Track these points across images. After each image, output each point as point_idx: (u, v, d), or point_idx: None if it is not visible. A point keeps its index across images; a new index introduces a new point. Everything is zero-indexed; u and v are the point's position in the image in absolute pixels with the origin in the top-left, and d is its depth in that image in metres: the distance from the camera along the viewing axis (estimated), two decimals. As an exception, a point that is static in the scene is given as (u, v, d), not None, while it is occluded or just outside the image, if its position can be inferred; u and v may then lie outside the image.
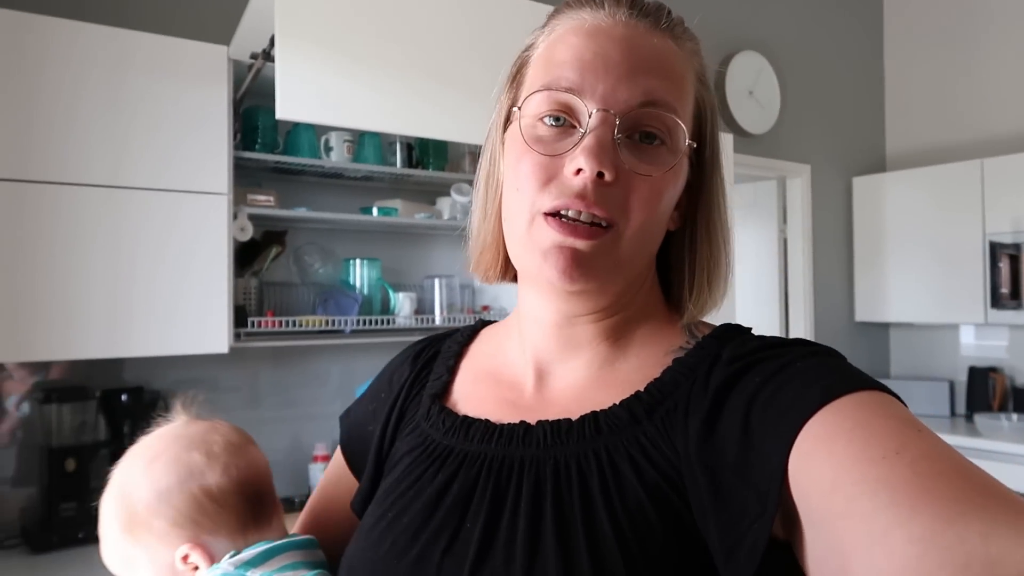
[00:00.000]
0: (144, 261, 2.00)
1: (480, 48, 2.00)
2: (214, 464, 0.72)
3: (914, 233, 4.07)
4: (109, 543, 0.74)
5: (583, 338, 0.66)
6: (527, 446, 0.62)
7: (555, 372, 0.67)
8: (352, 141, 2.47)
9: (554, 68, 0.62)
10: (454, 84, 1.96)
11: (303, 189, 2.57)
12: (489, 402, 0.69)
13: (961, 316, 3.90)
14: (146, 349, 2.01)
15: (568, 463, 0.59)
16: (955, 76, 4.29)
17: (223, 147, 2.10)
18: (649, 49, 0.61)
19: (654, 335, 0.67)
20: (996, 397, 3.91)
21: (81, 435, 2.05)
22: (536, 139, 0.62)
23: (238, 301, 2.26)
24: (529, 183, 0.61)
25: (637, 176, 0.60)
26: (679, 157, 0.62)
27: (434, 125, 2.01)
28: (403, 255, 2.80)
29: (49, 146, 1.89)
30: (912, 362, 4.43)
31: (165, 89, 2.03)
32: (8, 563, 1.90)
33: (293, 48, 1.77)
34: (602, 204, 0.58)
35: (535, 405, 0.66)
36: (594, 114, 0.59)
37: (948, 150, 4.29)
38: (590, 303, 0.64)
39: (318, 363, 2.62)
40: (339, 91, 1.84)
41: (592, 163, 0.57)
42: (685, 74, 0.63)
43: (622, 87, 0.59)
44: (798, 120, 4.06)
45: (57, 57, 1.90)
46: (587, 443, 0.60)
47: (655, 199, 0.61)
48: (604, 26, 0.62)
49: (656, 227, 0.63)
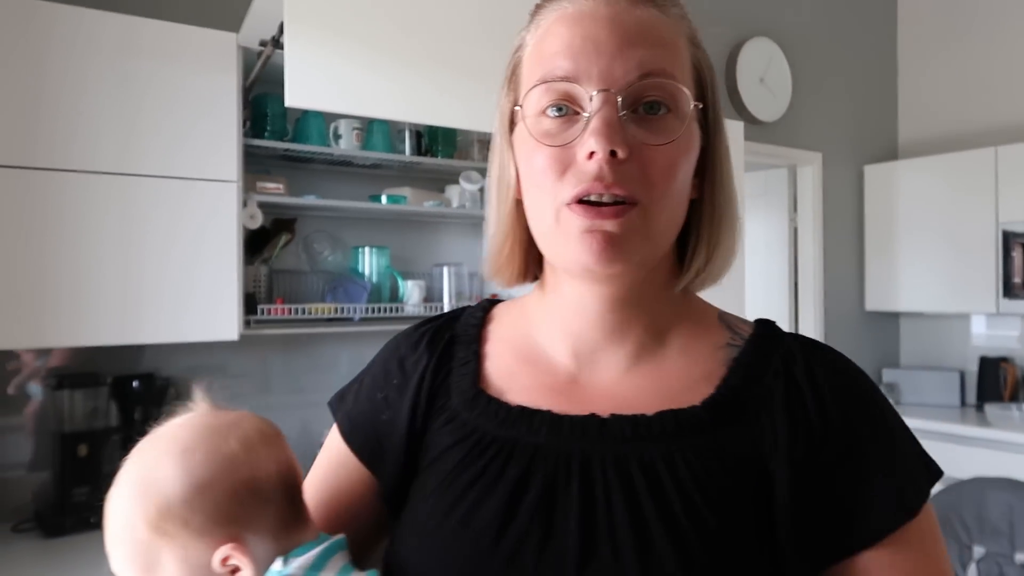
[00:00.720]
0: (154, 249, 2.00)
1: (490, 34, 1.99)
2: (253, 456, 0.66)
3: (926, 222, 4.04)
4: (127, 545, 0.65)
5: (625, 325, 0.67)
6: (605, 440, 0.62)
7: (597, 360, 0.68)
8: (361, 129, 2.47)
9: (547, 61, 0.63)
10: (464, 71, 1.95)
11: (312, 177, 2.57)
12: (535, 390, 0.68)
13: (972, 305, 3.88)
14: (157, 336, 2.02)
15: (654, 459, 0.60)
16: (969, 63, 4.24)
17: (232, 134, 2.10)
18: (635, 22, 0.62)
19: (692, 328, 0.69)
20: (1007, 387, 3.88)
21: (93, 421, 2.07)
22: (543, 133, 0.62)
23: (248, 289, 2.26)
24: (546, 177, 0.61)
25: (649, 148, 0.60)
26: (687, 122, 0.62)
27: (444, 112, 2.00)
28: (412, 243, 2.80)
29: (59, 134, 1.89)
30: (922, 352, 4.41)
31: (174, 76, 2.03)
32: (22, 546, 1.92)
33: (302, 35, 1.76)
34: (621, 182, 0.59)
35: (584, 393, 0.66)
36: (595, 96, 0.59)
37: (961, 138, 4.25)
38: (627, 280, 0.65)
39: (327, 350, 2.63)
40: (348, 78, 1.84)
41: (603, 143, 0.58)
42: (676, 39, 0.64)
43: (616, 64, 0.60)
44: (810, 107, 4.03)
45: (66, 44, 1.90)
46: (670, 440, 0.61)
47: (673, 168, 0.61)
48: (587, 10, 0.62)
49: (679, 196, 0.64)
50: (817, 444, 0.60)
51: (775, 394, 0.62)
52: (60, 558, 1.83)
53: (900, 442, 0.63)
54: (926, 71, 4.45)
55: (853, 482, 0.60)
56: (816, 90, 4.07)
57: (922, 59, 4.47)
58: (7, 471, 2.10)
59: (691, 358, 0.67)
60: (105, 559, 0.66)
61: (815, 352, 0.66)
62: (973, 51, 4.23)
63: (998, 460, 3.28)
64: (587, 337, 0.67)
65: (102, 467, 2.05)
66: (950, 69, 4.34)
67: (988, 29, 4.16)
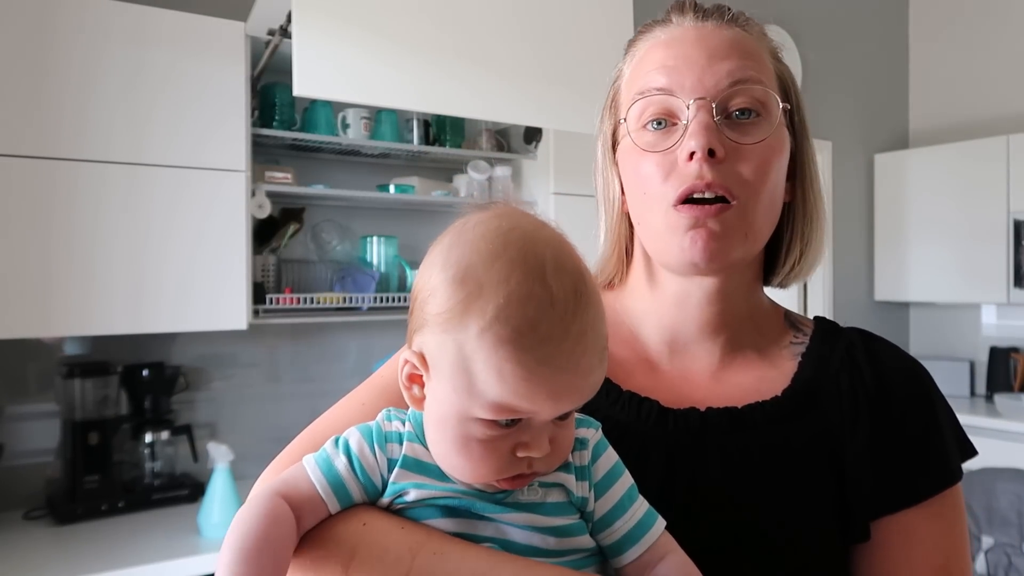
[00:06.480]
0: (163, 238, 2.01)
1: (500, 22, 1.98)
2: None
3: (936, 211, 4.01)
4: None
5: (719, 319, 0.73)
6: (708, 432, 0.68)
7: (690, 352, 0.75)
8: (369, 118, 2.47)
9: (644, 79, 0.71)
10: (474, 59, 1.94)
11: (320, 166, 2.57)
12: (636, 375, 0.74)
13: (983, 295, 3.86)
14: (166, 325, 2.03)
15: (751, 448, 0.68)
16: (981, 51, 4.20)
17: (241, 124, 2.11)
18: (721, 39, 0.70)
19: (766, 325, 0.77)
20: (1017, 378, 3.87)
21: (103, 409, 2.08)
22: (647, 143, 0.70)
23: (256, 278, 2.27)
24: (652, 182, 0.69)
25: (745, 148, 0.67)
26: (776, 123, 0.69)
27: (453, 101, 1.99)
28: (420, 232, 2.80)
29: (69, 124, 1.90)
30: (932, 342, 4.39)
31: (182, 66, 2.03)
32: (35, 534, 1.94)
33: (310, 24, 1.76)
34: (720, 180, 0.66)
35: (678, 384, 0.73)
36: (691, 104, 0.67)
37: (973, 126, 4.21)
38: (725, 276, 0.71)
39: (336, 340, 2.64)
40: (357, 67, 1.83)
41: (702, 142, 0.65)
42: (760, 52, 0.72)
43: (707, 75, 0.68)
44: (819, 96, 4.00)
45: (75, 34, 1.90)
46: (760, 429, 0.68)
47: (766, 166, 0.68)
48: (677, 34, 0.71)
49: (773, 196, 0.70)
50: (877, 416, 0.70)
51: (841, 381, 0.71)
52: (71, 545, 1.85)
53: (944, 417, 0.72)
54: (937, 59, 4.41)
55: (904, 448, 0.69)
56: (826, 78, 4.04)
57: (933, 47, 4.43)
58: (19, 459, 2.12)
59: (766, 353, 0.75)
60: (115, 546, 0.66)
61: (873, 340, 0.75)
62: (985, 38, 4.18)
63: (1008, 451, 3.27)
64: (684, 330, 0.74)
65: (112, 455, 2.07)
66: (961, 57, 4.29)
67: (1000, 16, 4.12)
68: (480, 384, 0.52)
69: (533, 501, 0.58)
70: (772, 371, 0.73)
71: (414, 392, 0.58)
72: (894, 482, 0.68)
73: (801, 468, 0.68)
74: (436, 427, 0.56)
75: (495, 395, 0.52)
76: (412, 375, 0.58)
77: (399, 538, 0.55)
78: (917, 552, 0.68)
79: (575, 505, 0.59)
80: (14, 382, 2.12)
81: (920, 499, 0.68)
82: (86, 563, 1.73)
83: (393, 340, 2.58)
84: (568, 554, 0.58)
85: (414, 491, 0.57)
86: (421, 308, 0.56)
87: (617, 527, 0.59)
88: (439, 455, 0.57)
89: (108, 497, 2.03)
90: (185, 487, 2.16)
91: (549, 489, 0.58)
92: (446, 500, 0.57)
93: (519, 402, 0.52)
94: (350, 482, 0.58)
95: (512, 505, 0.57)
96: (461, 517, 0.57)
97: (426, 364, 0.56)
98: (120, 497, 2.06)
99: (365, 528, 0.56)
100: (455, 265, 0.54)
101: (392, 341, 2.58)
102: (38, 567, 1.73)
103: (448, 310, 0.53)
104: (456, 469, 0.56)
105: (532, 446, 0.54)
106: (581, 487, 0.59)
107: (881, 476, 0.68)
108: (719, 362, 0.74)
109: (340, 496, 0.57)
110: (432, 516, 0.57)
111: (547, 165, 2.67)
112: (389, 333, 2.67)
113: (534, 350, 0.51)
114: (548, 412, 0.54)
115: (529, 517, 0.57)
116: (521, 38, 1.98)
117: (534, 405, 0.52)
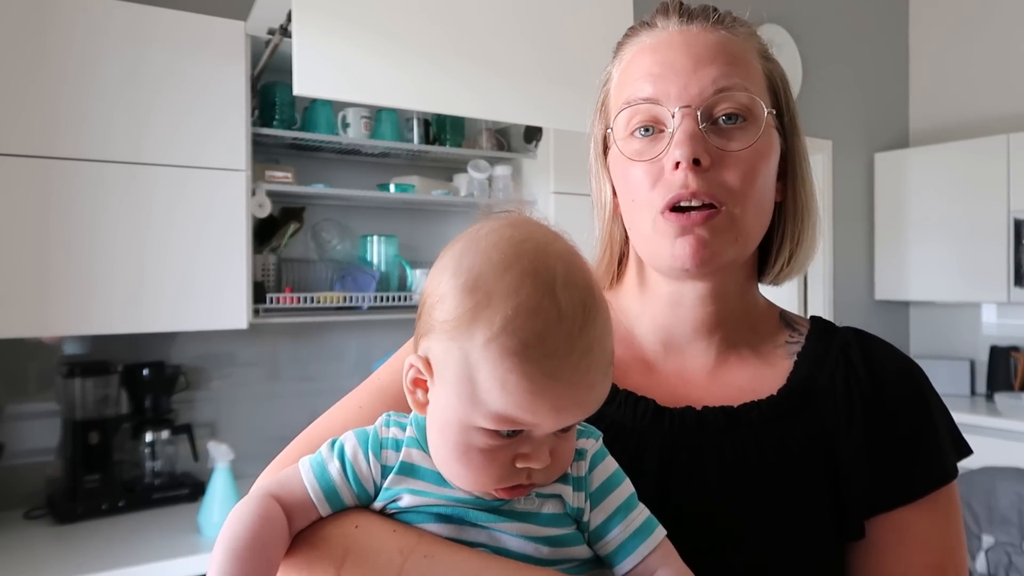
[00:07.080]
0: (163, 237, 2.01)
1: (499, 21, 1.98)
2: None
3: (937, 210, 4.01)
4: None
5: (712, 320, 0.73)
6: (704, 431, 0.69)
7: (685, 351, 0.75)
8: (369, 117, 2.47)
9: (630, 86, 0.71)
10: (474, 58, 1.94)
11: (320, 165, 2.57)
12: (632, 375, 0.74)
13: (983, 294, 3.86)
14: (166, 324, 2.03)
15: (747, 446, 0.68)
16: (981, 50, 4.20)
17: (241, 123, 2.11)
18: (706, 45, 0.69)
19: (761, 324, 0.77)
20: (1017, 377, 3.87)
21: (104, 409, 2.08)
22: (634, 152, 0.70)
23: (256, 277, 2.27)
24: (640, 190, 0.69)
25: (731, 155, 0.67)
26: (763, 128, 0.69)
27: (453, 100, 1.99)
28: (420, 232, 2.80)
29: (69, 123, 1.89)
30: (932, 341, 4.39)
31: (182, 65, 2.03)
32: (35, 533, 1.94)
33: (310, 23, 1.75)
34: (706, 188, 0.66)
35: (673, 383, 0.74)
36: (676, 113, 0.67)
37: (973, 125, 4.21)
38: (717, 278, 0.72)
39: (336, 339, 2.64)
40: (357, 66, 1.83)
41: (686, 152, 0.65)
42: (746, 54, 0.71)
43: (692, 83, 0.68)
44: (819, 95, 4.00)
45: (74, 33, 1.90)
46: (756, 428, 0.69)
47: (753, 171, 0.68)
48: (663, 39, 0.71)
49: (763, 198, 0.70)
50: (871, 415, 0.70)
51: (836, 380, 0.71)
52: (72, 545, 1.85)
53: (939, 416, 0.72)
54: (938, 58, 4.41)
55: (898, 447, 0.69)
56: (826, 77, 4.03)
57: (934, 46, 4.43)
58: (19, 458, 2.12)
59: (761, 352, 0.75)
60: (115, 545, 0.67)
61: (868, 340, 0.76)
62: (985, 38, 4.18)
63: (1008, 450, 3.27)
64: (678, 331, 0.75)
65: (113, 455, 2.07)
66: (962, 56, 4.29)
67: (1001, 15, 4.12)
68: (483, 394, 0.52)
69: (529, 511, 0.58)
70: (768, 370, 0.74)
71: (418, 397, 0.58)
72: (888, 480, 0.68)
73: (796, 466, 0.68)
74: (437, 433, 0.56)
75: (498, 406, 0.52)
76: (416, 379, 0.57)
77: (391, 540, 0.56)
78: (911, 550, 0.68)
79: (571, 516, 0.59)
80: (14, 382, 2.12)
81: (914, 497, 0.68)
82: (86, 562, 1.73)
83: (393, 339, 2.58)
84: (561, 563, 0.58)
85: (408, 497, 0.58)
86: (429, 313, 0.55)
87: (612, 537, 0.59)
88: (439, 461, 0.57)
89: (108, 496, 2.04)
90: (185, 486, 2.17)
91: (545, 499, 0.58)
92: (440, 508, 0.57)
93: (522, 414, 0.52)
94: (342, 487, 0.58)
95: (507, 514, 0.57)
96: (455, 524, 0.57)
97: (431, 369, 0.56)
98: (120, 496, 2.06)
99: (357, 530, 0.57)
100: (466, 273, 0.54)
101: (392, 340, 2.59)
102: (38, 566, 1.73)
103: (456, 318, 0.53)
104: (455, 476, 0.56)
105: (532, 457, 0.54)
106: (577, 498, 0.59)
107: (875, 474, 0.68)
108: (714, 361, 0.74)
109: (331, 500, 0.58)
110: (425, 522, 0.57)
111: (547, 164, 2.67)
112: (389, 332, 2.67)
113: (539, 363, 0.51)
114: (550, 425, 0.53)
115: (524, 527, 0.57)
116: (521, 37, 1.98)
117: (536, 418, 0.52)
